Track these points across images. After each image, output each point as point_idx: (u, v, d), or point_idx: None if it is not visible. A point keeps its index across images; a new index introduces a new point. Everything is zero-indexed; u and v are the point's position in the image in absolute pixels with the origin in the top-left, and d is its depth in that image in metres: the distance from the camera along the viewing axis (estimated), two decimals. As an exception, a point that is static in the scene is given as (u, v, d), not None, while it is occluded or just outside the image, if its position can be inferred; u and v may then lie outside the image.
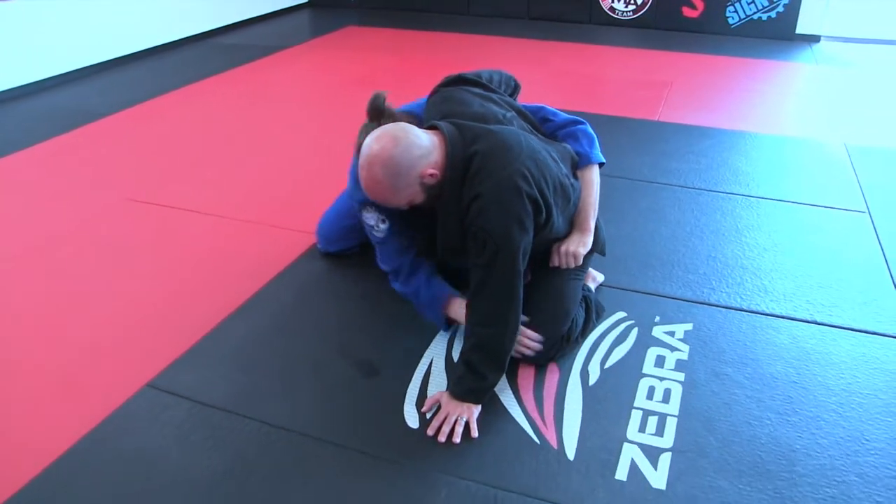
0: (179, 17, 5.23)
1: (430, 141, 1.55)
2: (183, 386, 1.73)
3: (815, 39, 5.39)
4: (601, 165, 1.88)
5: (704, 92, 4.15)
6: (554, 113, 1.89)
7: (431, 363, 1.81)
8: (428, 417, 1.62)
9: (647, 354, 1.84)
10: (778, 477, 1.47)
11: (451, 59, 4.89)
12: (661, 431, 1.59)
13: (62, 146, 3.33)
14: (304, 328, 1.97)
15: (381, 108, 1.74)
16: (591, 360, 1.82)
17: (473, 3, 6.27)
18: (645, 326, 1.95)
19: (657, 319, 1.98)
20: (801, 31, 5.39)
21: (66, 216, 2.64)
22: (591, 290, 2.01)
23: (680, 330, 1.94)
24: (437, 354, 1.84)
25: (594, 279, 2.10)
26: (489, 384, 1.61)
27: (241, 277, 2.19)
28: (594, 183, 1.84)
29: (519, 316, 1.58)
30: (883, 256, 2.32)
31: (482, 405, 1.62)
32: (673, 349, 1.86)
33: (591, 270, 2.06)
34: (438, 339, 1.89)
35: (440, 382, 1.74)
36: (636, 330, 1.93)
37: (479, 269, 1.54)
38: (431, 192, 1.57)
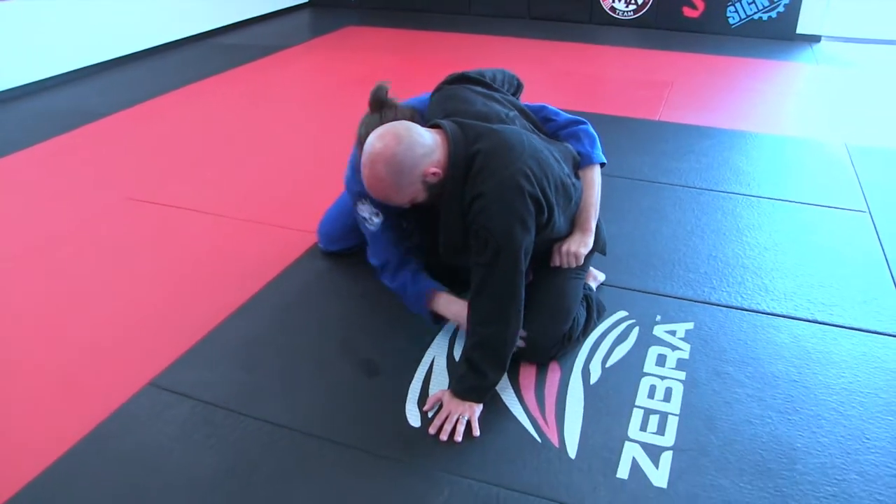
0: (179, 17, 5.23)
1: (432, 139, 1.55)
2: (185, 385, 1.73)
3: (815, 39, 5.39)
4: (602, 165, 1.88)
5: (705, 92, 4.15)
6: (556, 112, 1.89)
7: (433, 362, 1.81)
8: (430, 416, 1.63)
9: (648, 353, 1.84)
10: (779, 475, 1.47)
11: (451, 58, 4.89)
12: (662, 430, 1.59)
13: (62, 146, 3.33)
14: (305, 327, 1.98)
15: (383, 99, 1.74)
16: (592, 358, 1.82)
17: (474, 2, 6.28)
18: (646, 325, 1.95)
19: (658, 318, 1.98)
20: (801, 31, 5.39)
21: (66, 216, 2.64)
22: (592, 289, 2.02)
23: (681, 329, 1.94)
24: (438, 353, 1.84)
25: (595, 278, 2.10)
26: (490, 383, 1.61)
27: (242, 276, 2.20)
28: (596, 183, 1.84)
29: (521, 315, 1.58)
30: (883, 256, 2.32)
31: (484, 404, 1.62)
32: (674, 348, 1.86)
33: (592, 269, 2.07)
34: (440, 337, 1.90)
35: (442, 381, 1.74)
36: (637, 329, 1.94)
37: (480, 267, 1.54)
38: (433, 190, 1.57)
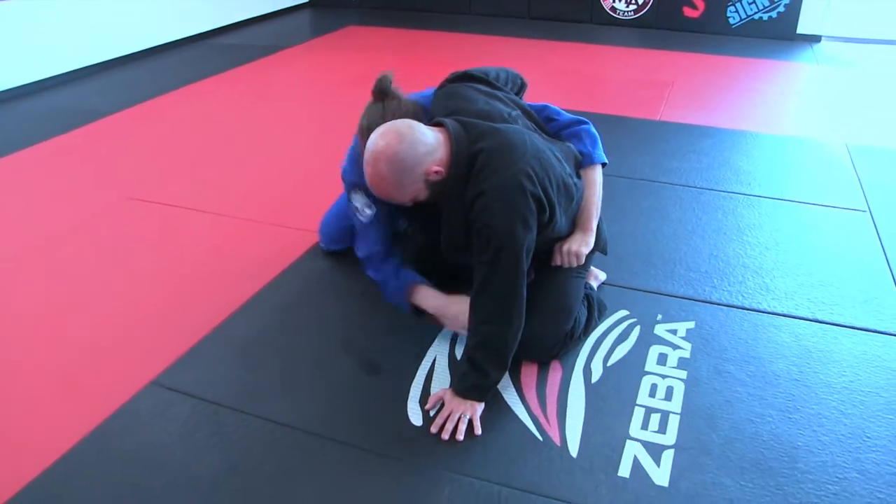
0: (180, 16, 5.23)
1: (435, 138, 1.55)
2: (187, 383, 1.73)
3: (815, 39, 5.39)
4: (604, 165, 1.89)
5: (705, 91, 4.16)
6: (558, 112, 1.89)
7: (435, 361, 1.81)
8: (431, 415, 1.63)
9: (649, 352, 1.84)
10: (780, 474, 1.47)
11: (452, 58, 4.88)
12: (663, 429, 1.59)
13: (62, 146, 3.33)
14: (307, 326, 1.98)
15: (386, 89, 1.74)
16: (593, 357, 1.83)
17: (474, 2, 6.28)
18: (647, 324, 1.96)
19: (659, 317, 1.99)
20: (801, 31, 5.40)
21: (66, 216, 2.64)
22: (593, 288, 2.02)
23: (682, 328, 1.94)
24: (440, 352, 1.84)
25: (596, 277, 2.10)
26: (492, 381, 1.62)
27: (244, 275, 2.20)
28: (597, 183, 1.85)
29: (523, 314, 1.58)
30: (884, 255, 2.33)
31: (485, 403, 1.63)
32: (675, 347, 1.86)
33: (593, 269, 2.07)
34: (441, 336, 1.90)
35: (443, 380, 1.74)
36: (638, 328, 1.94)
37: (482, 266, 1.54)
38: (435, 188, 1.57)
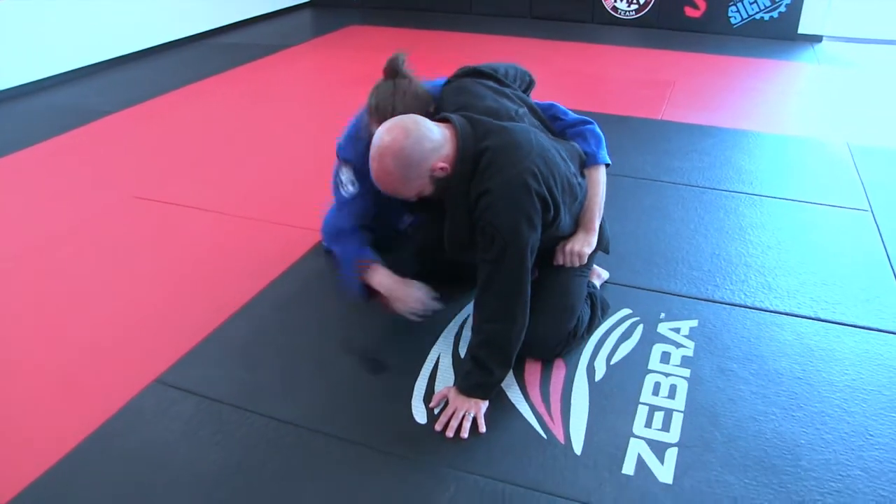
0: (181, 16, 5.24)
1: (441, 134, 1.55)
2: (191, 381, 1.74)
3: (817, 39, 5.39)
4: (607, 167, 1.89)
5: (707, 91, 4.16)
6: (564, 112, 1.90)
7: (438, 359, 1.82)
8: (436, 413, 1.63)
9: (652, 351, 1.85)
10: (783, 471, 1.48)
11: (453, 58, 4.85)
12: (667, 427, 1.60)
13: (63, 145, 3.33)
14: (310, 324, 1.98)
15: (398, 68, 1.75)
16: (597, 356, 1.83)
17: (476, 2, 6.28)
18: (650, 323, 1.96)
19: (662, 316, 1.99)
20: (803, 31, 5.40)
21: (67, 215, 2.64)
22: (596, 287, 2.02)
23: (685, 326, 1.95)
24: (443, 350, 1.85)
25: (599, 276, 2.11)
26: (496, 380, 1.62)
27: (247, 274, 2.20)
28: (600, 183, 1.85)
29: (527, 312, 1.59)
30: (886, 254, 2.33)
31: (489, 401, 1.63)
32: (678, 345, 1.87)
33: (595, 267, 2.07)
34: (445, 334, 1.90)
35: (447, 378, 1.75)
36: (641, 326, 1.94)
37: (487, 264, 1.54)
38: (440, 184, 1.57)
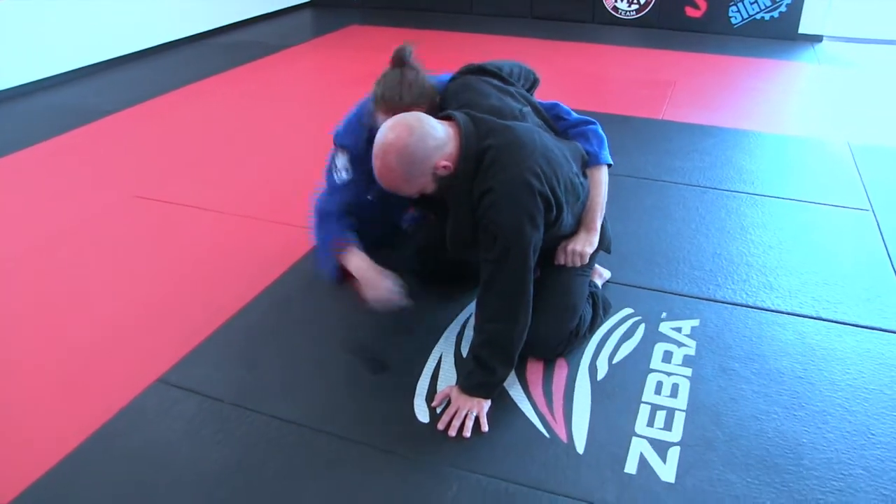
0: (181, 16, 5.24)
1: (444, 132, 1.55)
2: (194, 381, 1.74)
3: (817, 39, 5.40)
4: (609, 167, 1.89)
5: (708, 91, 4.16)
6: (567, 112, 1.90)
7: (441, 358, 1.82)
8: (438, 412, 1.64)
9: (654, 350, 1.85)
10: (785, 470, 1.48)
11: (453, 58, 4.83)
12: (669, 426, 1.60)
13: (63, 145, 3.33)
14: (312, 323, 1.99)
15: (405, 58, 1.76)
16: (599, 355, 1.83)
17: (476, 2, 6.28)
18: (652, 322, 1.96)
19: (664, 315, 1.99)
20: (803, 31, 5.40)
21: (68, 215, 2.64)
22: (597, 286, 2.03)
23: (687, 326, 1.95)
24: (446, 350, 1.85)
25: (601, 276, 2.11)
26: (499, 379, 1.62)
27: (249, 273, 2.21)
28: (602, 183, 1.85)
29: (529, 311, 1.59)
30: (887, 253, 2.33)
31: (492, 400, 1.63)
32: (680, 345, 1.87)
33: (597, 267, 2.08)
34: (447, 334, 1.91)
35: (450, 377, 1.75)
36: (643, 326, 1.95)
37: (489, 264, 1.55)
38: (443, 183, 1.57)
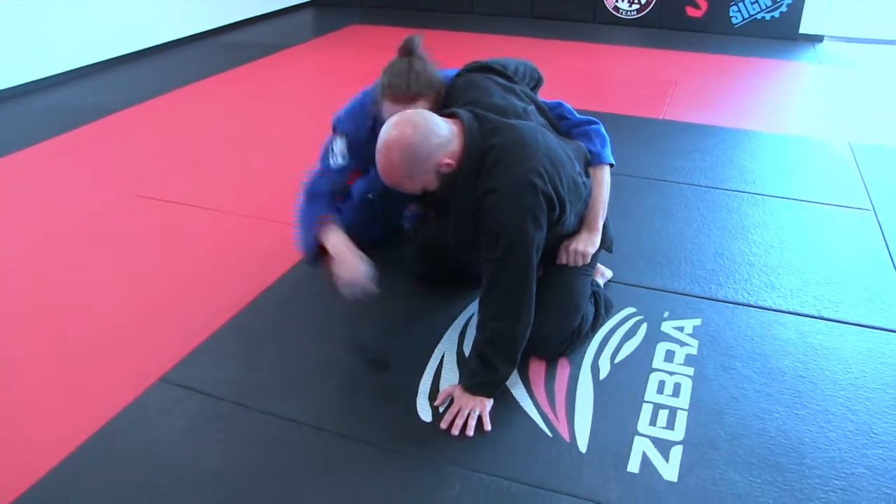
0: (182, 15, 5.24)
1: (448, 130, 1.55)
2: (196, 380, 1.74)
3: (818, 39, 5.40)
4: (611, 167, 1.89)
5: (709, 91, 4.16)
6: (570, 111, 1.91)
7: (443, 357, 1.82)
8: (441, 411, 1.64)
9: (656, 349, 1.85)
10: (787, 469, 1.48)
11: (454, 57, 4.86)
12: (671, 425, 1.60)
13: (63, 145, 3.33)
14: (313, 322, 1.99)
15: (413, 48, 1.76)
16: (601, 354, 1.84)
17: (477, 1, 6.28)
18: (654, 322, 1.97)
19: (666, 315, 2.00)
20: (804, 30, 5.40)
21: (69, 215, 2.64)
22: (599, 285, 2.03)
23: (688, 325, 1.95)
24: (448, 349, 1.85)
25: (603, 275, 2.11)
26: (501, 378, 1.62)
27: (250, 272, 2.21)
28: (605, 183, 1.86)
29: (532, 310, 1.59)
30: (888, 253, 2.34)
31: (494, 399, 1.63)
32: (682, 344, 1.87)
33: (599, 266, 2.08)
34: (450, 333, 1.91)
35: (452, 376, 1.75)
36: (645, 325, 1.95)
37: (492, 263, 1.55)
38: (445, 180, 1.57)
